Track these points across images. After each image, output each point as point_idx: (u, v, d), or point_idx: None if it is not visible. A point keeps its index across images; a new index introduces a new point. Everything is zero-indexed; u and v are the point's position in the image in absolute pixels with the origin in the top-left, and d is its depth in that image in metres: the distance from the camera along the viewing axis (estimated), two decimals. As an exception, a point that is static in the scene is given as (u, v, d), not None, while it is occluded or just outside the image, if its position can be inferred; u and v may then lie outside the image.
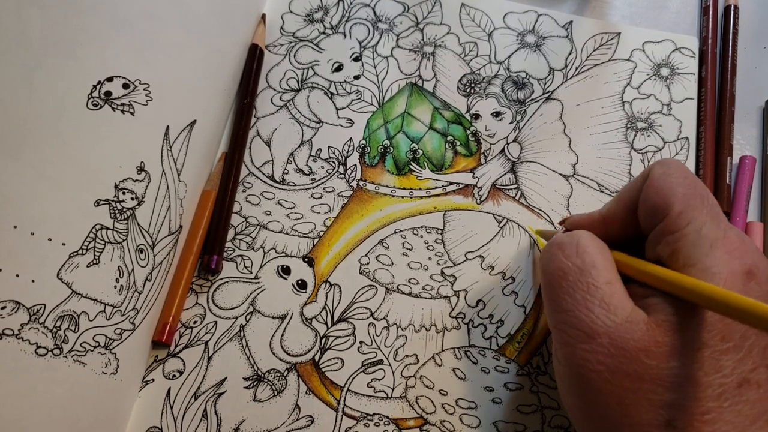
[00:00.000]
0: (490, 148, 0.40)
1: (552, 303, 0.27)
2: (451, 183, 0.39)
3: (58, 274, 0.29)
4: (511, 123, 0.40)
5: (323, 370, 0.34)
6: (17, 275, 0.28)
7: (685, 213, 0.26)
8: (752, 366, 0.23)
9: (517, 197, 0.38)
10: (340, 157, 0.39)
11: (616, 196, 0.30)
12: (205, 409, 0.33)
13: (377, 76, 0.42)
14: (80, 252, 0.29)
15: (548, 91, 0.41)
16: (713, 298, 0.22)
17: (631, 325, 0.24)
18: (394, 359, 0.34)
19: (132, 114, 0.32)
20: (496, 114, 0.41)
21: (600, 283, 0.26)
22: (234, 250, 0.36)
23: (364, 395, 0.33)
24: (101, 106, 0.32)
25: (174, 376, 0.33)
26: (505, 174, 0.39)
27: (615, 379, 0.24)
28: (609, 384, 0.24)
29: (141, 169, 0.32)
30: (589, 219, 0.31)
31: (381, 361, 0.34)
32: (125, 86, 0.33)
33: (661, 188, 0.27)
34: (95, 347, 0.29)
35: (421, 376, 0.34)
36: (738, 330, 0.23)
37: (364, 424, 0.33)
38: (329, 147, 0.39)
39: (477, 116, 0.41)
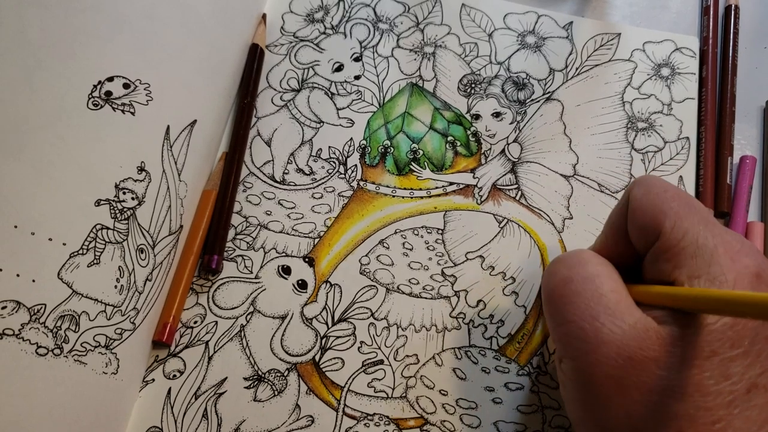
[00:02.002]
0: (490, 149, 0.40)
1: (555, 315, 0.26)
2: (451, 183, 0.39)
3: (58, 274, 0.29)
4: (511, 123, 0.40)
5: (323, 370, 0.34)
6: (18, 275, 0.28)
7: (678, 226, 0.25)
8: (760, 370, 0.23)
9: (517, 197, 0.38)
10: (340, 157, 0.39)
11: (605, 226, 0.30)
12: (206, 409, 0.33)
13: (378, 76, 0.42)
14: (81, 252, 0.29)
15: (548, 92, 0.41)
16: (734, 301, 0.21)
17: (639, 334, 0.24)
18: (395, 359, 0.34)
19: (132, 114, 0.32)
20: (497, 114, 0.41)
21: (605, 291, 0.25)
22: (234, 249, 0.36)
23: (364, 395, 0.33)
24: (102, 106, 0.32)
25: (174, 376, 0.33)
26: (505, 174, 0.39)
27: (623, 391, 0.23)
28: (617, 397, 0.23)
29: (141, 169, 0.32)
30: None
31: (381, 361, 0.34)
32: (126, 86, 0.33)
33: (647, 207, 0.26)
34: (96, 347, 0.29)
35: (421, 376, 0.34)
36: (747, 336, 0.23)
37: (365, 424, 0.33)
38: (330, 147, 0.39)
39: (477, 116, 0.41)
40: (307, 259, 0.36)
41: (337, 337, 0.35)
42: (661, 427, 0.23)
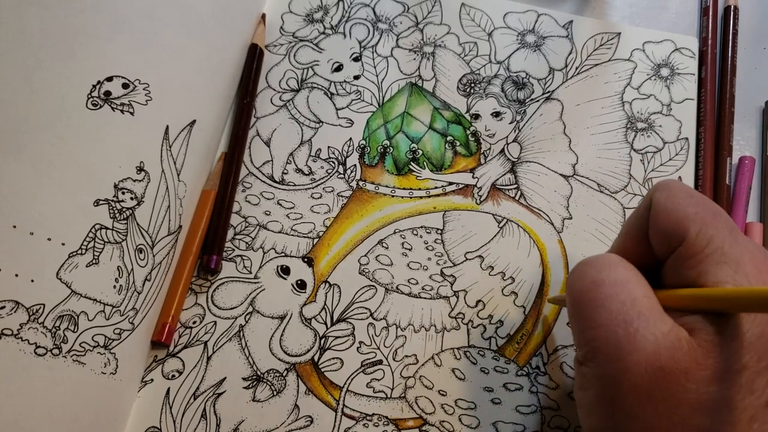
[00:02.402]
0: (489, 148, 0.40)
1: (582, 320, 0.25)
2: (450, 183, 0.39)
3: (57, 274, 0.29)
4: (510, 123, 0.40)
5: (322, 370, 0.34)
6: (16, 275, 0.28)
7: (703, 232, 0.24)
8: None
9: (516, 197, 0.38)
10: (339, 157, 0.39)
11: (622, 230, 0.29)
12: (205, 409, 0.33)
13: (377, 76, 0.42)
14: (80, 252, 0.29)
15: (548, 91, 0.41)
16: None
17: (672, 343, 0.23)
18: (394, 359, 0.34)
19: (132, 114, 0.32)
20: (496, 114, 0.41)
21: (638, 295, 0.24)
22: (233, 250, 0.36)
23: (363, 395, 0.33)
24: (101, 106, 0.32)
25: (173, 376, 0.33)
26: (504, 174, 0.39)
27: (650, 403, 0.23)
28: (642, 408, 0.23)
29: (140, 169, 0.32)
30: None
31: (380, 362, 0.34)
32: (125, 86, 0.33)
33: (671, 212, 0.25)
34: (94, 347, 0.29)
35: (420, 376, 0.34)
36: None
37: (364, 425, 0.33)
38: (329, 147, 0.39)
39: (477, 116, 0.41)
40: (306, 259, 0.36)
41: (336, 337, 0.35)
42: None
